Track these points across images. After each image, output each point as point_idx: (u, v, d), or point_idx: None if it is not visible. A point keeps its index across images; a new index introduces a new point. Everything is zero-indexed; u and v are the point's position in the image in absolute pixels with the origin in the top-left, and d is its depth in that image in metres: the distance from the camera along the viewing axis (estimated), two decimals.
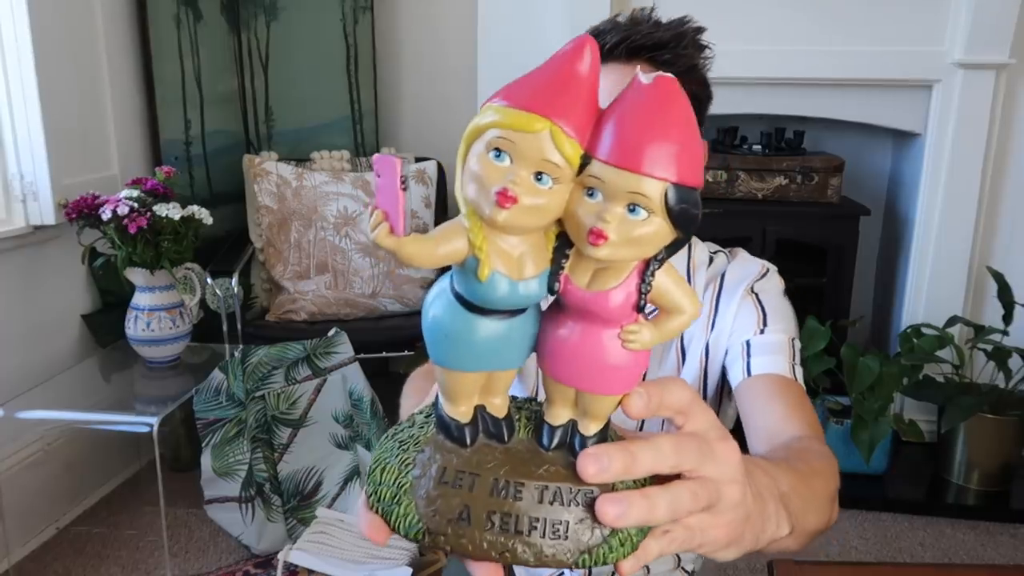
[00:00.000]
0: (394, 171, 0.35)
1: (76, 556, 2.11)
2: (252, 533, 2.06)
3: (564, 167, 0.36)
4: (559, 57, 0.37)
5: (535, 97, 0.36)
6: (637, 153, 0.35)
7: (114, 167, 2.39)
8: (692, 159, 0.36)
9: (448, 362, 0.40)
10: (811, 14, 2.50)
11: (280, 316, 2.50)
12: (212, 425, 2.04)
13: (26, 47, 2.04)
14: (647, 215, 0.35)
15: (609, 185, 0.35)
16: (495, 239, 0.37)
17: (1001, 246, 2.64)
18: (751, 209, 2.63)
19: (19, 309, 2.11)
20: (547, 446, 0.42)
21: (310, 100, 2.83)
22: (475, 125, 0.36)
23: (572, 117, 0.36)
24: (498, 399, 0.43)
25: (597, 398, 0.41)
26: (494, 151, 0.36)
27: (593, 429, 0.41)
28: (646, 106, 0.36)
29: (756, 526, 0.47)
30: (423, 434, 0.44)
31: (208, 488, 2.08)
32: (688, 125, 0.36)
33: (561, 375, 0.41)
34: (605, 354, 0.39)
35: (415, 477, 0.41)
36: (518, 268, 0.38)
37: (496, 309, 0.39)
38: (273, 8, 2.76)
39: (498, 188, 0.35)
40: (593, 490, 0.40)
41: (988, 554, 2.21)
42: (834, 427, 2.44)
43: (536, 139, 0.35)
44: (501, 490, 0.40)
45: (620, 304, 0.38)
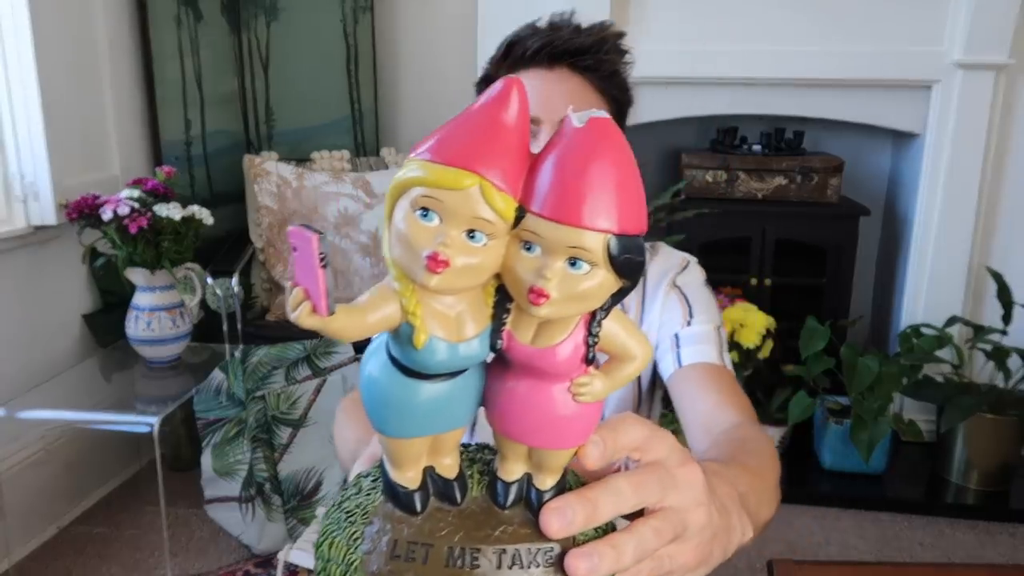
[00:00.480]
0: (310, 247, 0.32)
1: (77, 556, 2.11)
2: (252, 533, 2.06)
3: (497, 222, 0.33)
4: (485, 103, 0.34)
5: (461, 150, 0.33)
6: (574, 205, 0.33)
7: (115, 167, 2.39)
8: (633, 205, 0.34)
9: (390, 430, 0.38)
10: (811, 14, 2.50)
11: (280, 316, 2.50)
12: (212, 425, 2.05)
13: (27, 47, 2.04)
14: (589, 268, 0.33)
15: (547, 240, 0.33)
16: (429, 301, 0.35)
17: (1000, 246, 2.65)
18: (751, 209, 2.63)
19: (20, 309, 2.11)
20: (503, 504, 0.40)
21: (310, 100, 2.83)
22: (398, 181, 0.34)
23: (502, 169, 0.33)
24: (448, 459, 0.40)
25: (553, 453, 0.39)
26: (420, 210, 0.33)
27: (549, 483, 0.40)
28: (580, 152, 0.33)
29: (723, 540, 0.47)
30: (371, 503, 0.41)
31: (208, 488, 2.09)
32: (626, 168, 0.34)
33: (512, 432, 0.39)
34: (556, 409, 0.37)
35: (365, 553, 0.39)
36: (457, 330, 0.35)
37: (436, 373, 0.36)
38: (273, 8, 2.77)
39: (428, 252, 0.33)
40: (553, 547, 0.39)
41: (987, 554, 2.21)
42: (834, 427, 2.44)
43: (465, 196, 0.33)
44: (457, 559, 0.38)
45: (568, 358, 0.36)
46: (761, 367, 2.50)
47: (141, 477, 2.47)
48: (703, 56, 2.52)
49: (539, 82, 0.92)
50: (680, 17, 2.52)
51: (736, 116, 2.70)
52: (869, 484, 2.45)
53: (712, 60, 2.52)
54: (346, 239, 2.59)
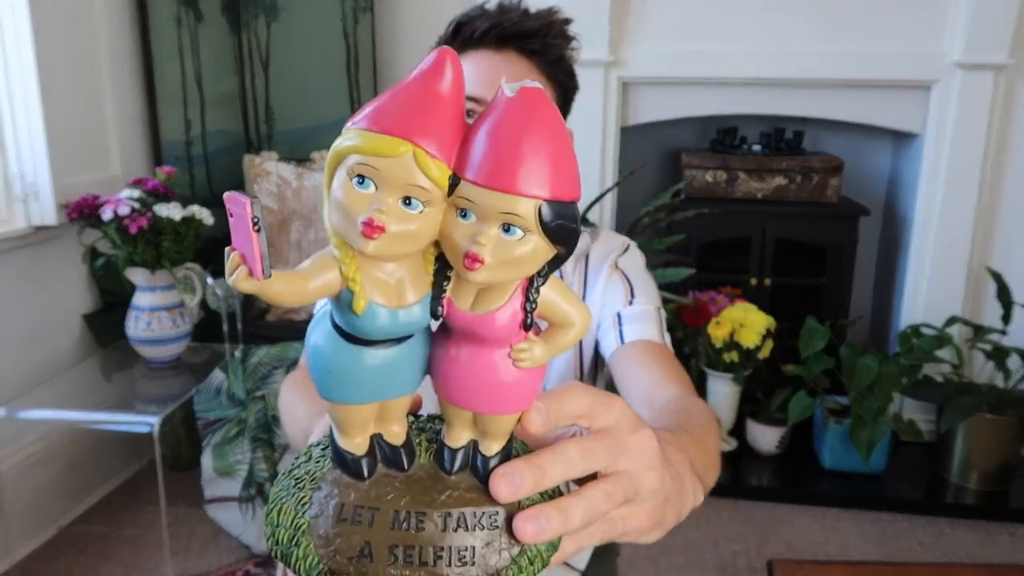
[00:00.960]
0: (244, 211, 0.33)
1: (77, 555, 2.11)
2: (252, 533, 2.06)
3: (432, 190, 0.34)
4: (419, 74, 0.36)
5: (396, 119, 0.34)
6: (506, 172, 0.34)
7: (115, 167, 2.39)
8: (565, 172, 0.34)
9: (334, 396, 0.39)
10: (811, 14, 2.50)
11: (280, 316, 2.50)
12: (212, 425, 2.05)
13: (27, 47, 2.04)
14: (523, 234, 0.34)
15: (481, 206, 0.34)
16: (369, 268, 0.36)
17: (1000, 246, 2.65)
18: (751, 209, 2.64)
19: (20, 309, 2.11)
20: (449, 470, 0.41)
21: (310, 100, 2.83)
22: (335, 149, 0.35)
23: (436, 137, 0.34)
24: (396, 426, 0.41)
25: (497, 419, 0.39)
26: (357, 178, 0.34)
27: (495, 448, 0.40)
28: (512, 120, 0.34)
29: (676, 504, 0.48)
30: (319, 469, 0.42)
31: (209, 488, 2.09)
32: (557, 137, 0.34)
33: (455, 398, 0.39)
34: (497, 374, 0.38)
35: (312, 517, 0.40)
36: (397, 296, 0.36)
37: (378, 339, 0.37)
38: (273, 8, 2.77)
39: (364, 218, 0.33)
40: (498, 511, 0.39)
41: (987, 553, 2.22)
42: (834, 427, 2.44)
43: (400, 163, 0.33)
44: (402, 522, 0.39)
45: (506, 324, 0.37)
46: (761, 367, 2.50)
47: (141, 477, 2.47)
48: (703, 56, 2.53)
49: (486, 63, 0.93)
50: (680, 17, 2.52)
51: (736, 116, 2.70)
52: (869, 484, 2.45)
53: (712, 60, 2.52)
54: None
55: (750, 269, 2.64)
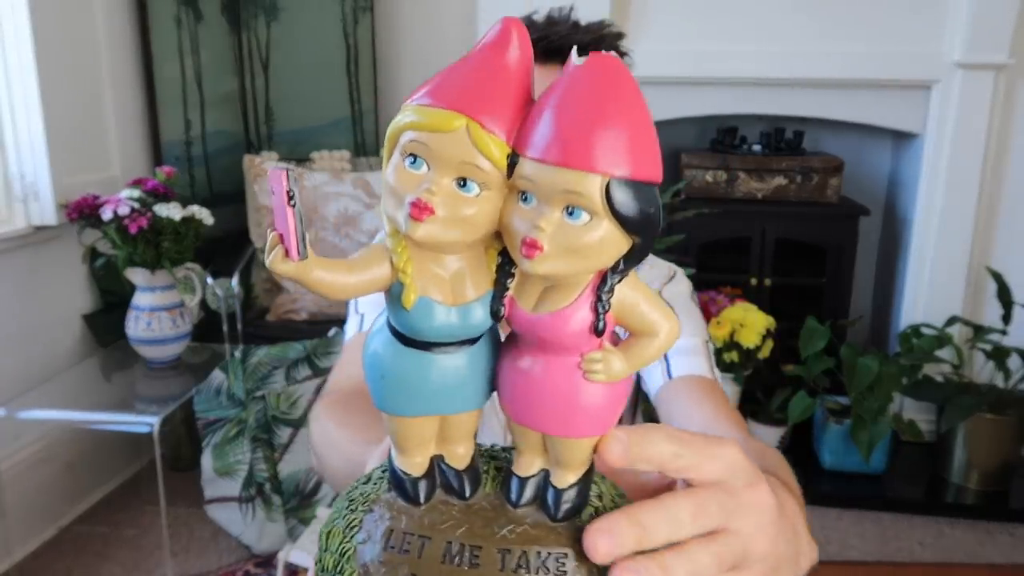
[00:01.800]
0: (280, 185, 0.30)
1: (77, 555, 2.11)
2: (252, 533, 2.06)
3: (490, 170, 0.31)
4: (481, 46, 0.32)
5: (452, 92, 0.31)
6: (566, 145, 0.29)
7: (115, 167, 2.39)
8: (639, 147, 0.30)
9: (390, 406, 0.35)
10: (811, 14, 2.50)
11: (280, 316, 2.50)
12: (212, 425, 2.05)
13: (27, 47, 2.04)
14: (589, 218, 0.30)
15: (541, 186, 0.30)
16: (424, 260, 0.32)
17: (1000, 246, 2.65)
18: (750, 209, 2.63)
19: (20, 309, 2.11)
20: (515, 502, 0.36)
21: (310, 100, 2.83)
22: (391, 128, 0.32)
23: (495, 111, 0.31)
24: (460, 448, 0.37)
25: (567, 443, 0.34)
26: (409, 157, 0.31)
27: (569, 480, 0.35)
28: (578, 90, 0.30)
29: (789, 571, 0.41)
30: (375, 491, 0.38)
31: (208, 488, 2.09)
32: (630, 108, 0.30)
33: (520, 415, 0.35)
34: (567, 389, 0.33)
35: (359, 542, 0.36)
36: (454, 292, 0.33)
37: (436, 342, 0.33)
38: (273, 8, 2.77)
39: (411, 198, 0.30)
40: (567, 553, 0.34)
41: (987, 553, 2.21)
42: (834, 427, 2.44)
43: (453, 139, 0.30)
44: (455, 555, 0.34)
45: (574, 327, 0.32)
46: (761, 367, 2.50)
47: (141, 477, 2.47)
48: (703, 56, 2.52)
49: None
50: (680, 17, 2.52)
51: (736, 116, 2.70)
52: (869, 484, 2.45)
53: (712, 60, 2.52)
54: (346, 239, 2.59)
55: (750, 269, 2.64)
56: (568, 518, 0.36)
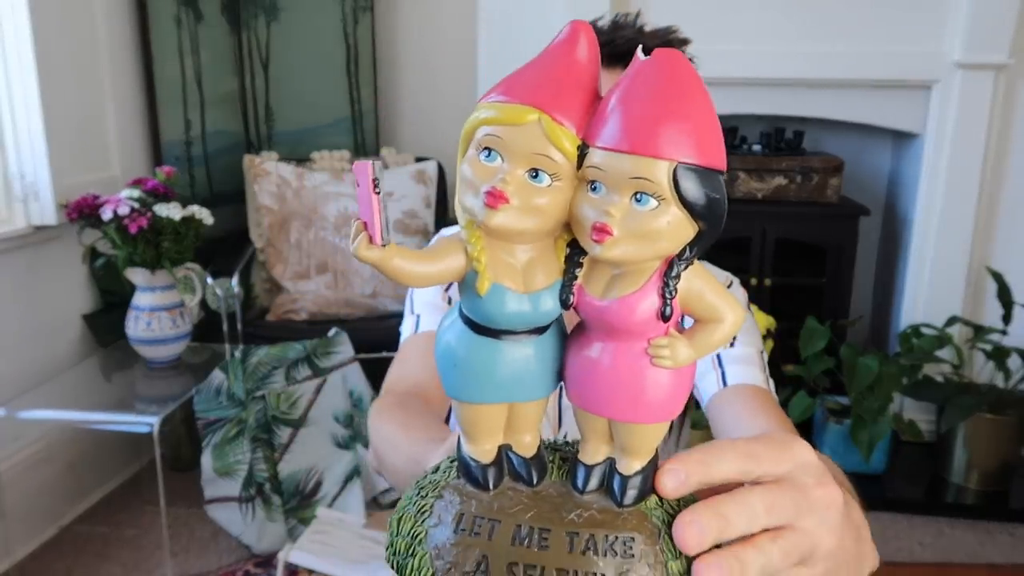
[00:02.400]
0: (366, 174, 0.32)
1: (77, 555, 2.11)
2: (252, 533, 2.06)
3: (561, 161, 0.32)
4: (552, 45, 0.35)
5: (524, 88, 0.33)
6: (635, 131, 0.31)
7: (115, 167, 2.39)
8: (704, 136, 0.31)
9: (462, 394, 0.37)
10: (811, 15, 2.50)
11: (280, 316, 2.50)
12: (212, 425, 2.05)
13: (27, 48, 2.04)
14: (657, 203, 0.31)
15: (610, 173, 0.31)
16: (497, 250, 0.34)
17: (1000, 246, 2.65)
18: (751, 209, 2.63)
19: (20, 309, 2.11)
20: (581, 488, 0.37)
21: (310, 100, 2.83)
22: (467, 125, 0.34)
23: (566, 105, 0.33)
24: (527, 436, 0.38)
25: (633, 429, 0.35)
26: (484, 151, 0.33)
27: (635, 466, 0.36)
28: (645, 83, 0.32)
29: (852, 571, 0.42)
30: (444, 479, 0.40)
31: (208, 488, 2.09)
32: (695, 98, 0.32)
33: (587, 402, 0.36)
34: (634, 374, 0.34)
35: (431, 526, 0.38)
36: (525, 280, 0.34)
37: (507, 329, 0.35)
38: (273, 8, 2.77)
39: (486, 187, 0.32)
40: (634, 537, 0.35)
41: (987, 553, 2.21)
42: (834, 427, 2.44)
43: (526, 131, 0.32)
44: (524, 538, 0.35)
45: (641, 312, 0.33)
46: None
47: (141, 477, 2.47)
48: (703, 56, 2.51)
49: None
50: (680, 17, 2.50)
51: (736, 116, 2.70)
52: (869, 484, 2.45)
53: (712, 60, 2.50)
54: (346, 239, 2.59)
55: (750, 269, 2.64)
56: (634, 504, 0.37)
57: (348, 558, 1.76)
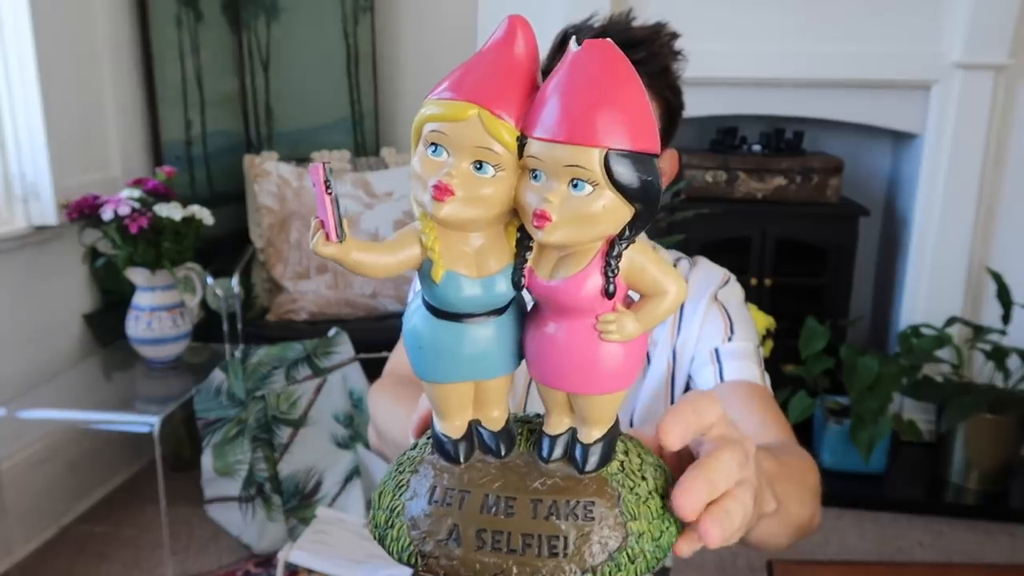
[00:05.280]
0: (319, 177, 0.34)
1: (77, 555, 2.11)
2: (252, 532, 2.06)
3: (502, 152, 0.34)
4: (491, 42, 0.36)
5: (465, 85, 0.35)
6: (567, 121, 0.32)
7: (115, 167, 2.39)
8: (635, 122, 0.33)
9: (429, 374, 0.39)
10: (811, 14, 2.50)
11: (280, 316, 2.50)
12: (213, 425, 2.05)
13: (27, 48, 2.04)
14: (592, 189, 0.33)
15: (547, 162, 0.33)
16: (450, 239, 0.36)
17: (1000, 246, 2.65)
18: (750, 209, 2.64)
19: (20, 309, 2.11)
20: (546, 458, 0.39)
21: (310, 100, 2.83)
22: (414, 122, 0.36)
23: (503, 99, 0.34)
24: (495, 411, 0.40)
25: (591, 400, 0.38)
26: (431, 146, 0.35)
27: (595, 435, 0.39)
28: (577, 73, 0.33)
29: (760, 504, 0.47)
30: (421, 455, 0.42)
31: (209, 488, 2.09)
32: (625, 86, 0.33)
33: (546, 377, 0.38)
34: (585, 350, 0.36)
35: (407, 499, 0.40)
36: (478, 265, 0.36)
37: (466, 312, 0.37)
38: (274, 8, 2.77)
39: (433, 181, 0.34)
40: (594, 502, 0.38)
41: (987, 553, 2.22)
42: (833, 427, 2.44)
43: (467, 126, 0.34)
44: (492, 506, 0.38)
45: (587, 291, 0.35)
46: None
47: (141, 477, 2.47)
48: (703, 56, 2.50)
49: None
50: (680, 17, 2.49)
51: (736, 116, 2.70)
52: (869, 484, 2.45)
53: (712, 60, 2.51)
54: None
55: (750, 269, 2.64)
56: (596, 470, 0.39)
57: (348, 558, 1.76)
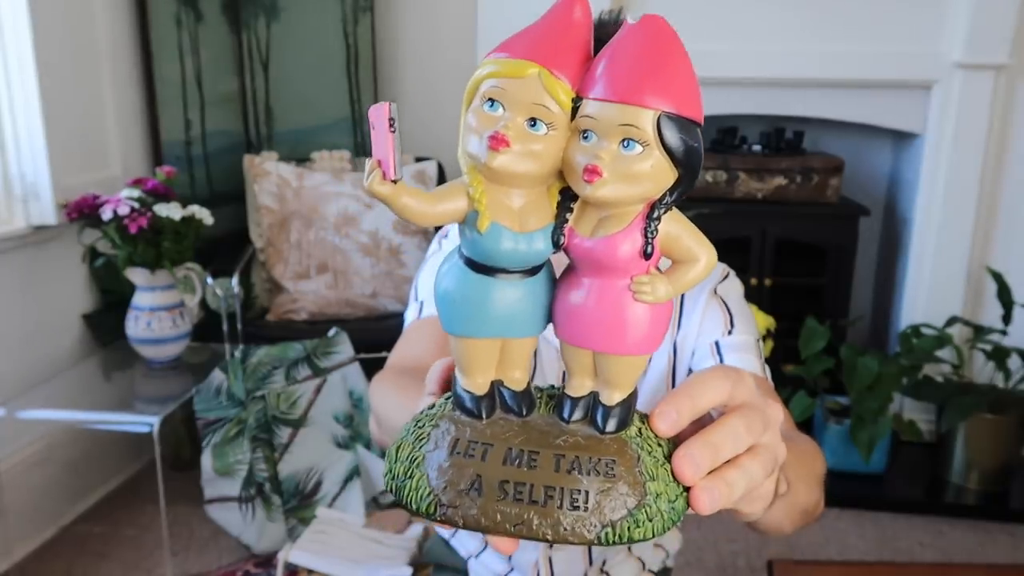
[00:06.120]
0: (383, 115, 0.35)
1: (77, 555, 2.11)
2: (252, 533, 2.06)
3: (557, 111, 0.36)
4: (550, 10, 0.38)
5: (525, 45, 0.37)
6: (624, 84, 0.35)
7: (115, 167, 2.39)
8: (685, 90, 0.35)
9: (459, 328, 0.40)
10: (811, 14, 2.50)
11: (280, 316, 2.50)
12: (212, 425, 2.05)
13: (27, 48, 2.04)
14: (642, 149, 0.34)
15: (601, 122, 0.35)
16: (495, 193, 0.37)
17: (1000, 246, 2.65)
18: (750, 209, 2.63)
19: (20, 309, 2.11)
20: (567, 418, 0.40)
21: (310, 100, 2.83)
22: (472, 80, 0.37)
23: (563, 61, 0.36)
24: (517, 372, 0.41)
25: (616, 361, 0.39)
26: (488, 102, 0.36)
27: (617, 398, 0.40)
28: (633, 42, 0.36)
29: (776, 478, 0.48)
30: (441, 411, 0.43)
31: (208, 488, 2.09)
32: (677, 56, 0.36)
33: (573, 336, 0.39)
34: (617, 308, 0.38)
35: (428, 451, 0.41)
36: (520, 221, 0.37)
37: (502, 268, 0.38)
38: (273, 8, 2.77)
39: (490, 133, 0.35)
40: (615, 460, 0.39)
41: (987, 554, 2.21)
42: (834, 427, 2.44)
43: (526, 84, 0.36)
44: (515, 459, 0.39)
45: (626, 251, 0.37)
46: None
47: (141, 477, 2.47)
48: (703, 56, 2.50)
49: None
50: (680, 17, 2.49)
51: (736, 116, 2.70)
52: (869, 484, 2.45)
53: (712, 60, 2.52)
54: (346, 239, 2.59)
55: (750, 269, 2.64)
56: (615, 432, 0.40)
57: (348, 558, 1.76)
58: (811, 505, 0.69)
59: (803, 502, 0.66)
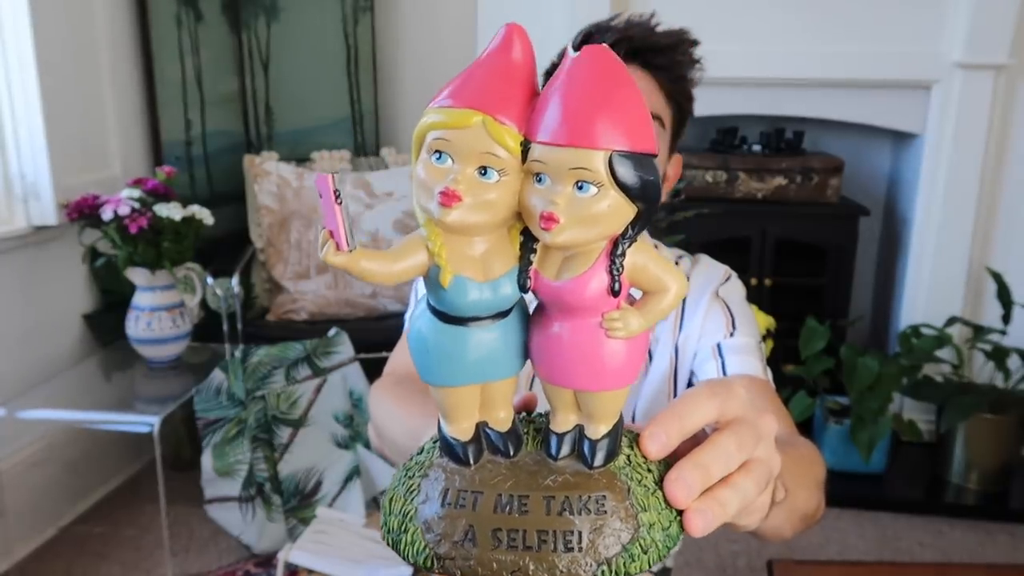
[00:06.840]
0: (327, 187, 0.34)
1: (77, 555, 2.11)
2: (252, 533, 2.06)
3: (506, 157, 0.35)
4: (488, 50, 0.37)
5: (467, 92, 0.35)
6: (571, 126, 0.33)
7: (115, 167, 2.39)
8: (634, 124, 0.34)
9: (437, 379, 0.39)
10: (811, 14, 2.50)
11: (280, 316, 2.50)
12: (212, 425, 2.05)
13: (27, 48, 2.04)
14: (597, 190, 0.34)
15: (552, 166, 0.34)
16: (455, 244, 0.36)
17: (1000, 246, 2.65)
18: (750, 209, 2.64)
19: (20, 309, 2.11)
20: (555, 455, 0.40)
21: (310, 100, 2.83)
22: (417, 130, 0.36)
23: (506, 105, 0.35)
24: (502, 412, 0.41)
25: (596, 396, 0.38)
26: (435, 154, 0.35)
27: (602, 430, 0.39)
28: (575, 78, 0.35)
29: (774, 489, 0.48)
30: (428, 459, 0.42)
31: (209, 488, 2.09)
32: (623, 88, 0.34)
33: (552, 376, 0.39)
34: (592, 347, 0.37)
35: (420, 503, 0.40)
36: (484, 269, 0.37)
37: (473, 316, 0.37)
38: (274, 8, 2.77)
39: (440, 188, 0.34)
40: (605, 495, 0.39)
41: (987, 553, 2.21)
42: (833, 427, 2.44)
43: (471, 133, 0.35)
44: (506, 505, 0.38)
45: (593, 290, 0.36)
46: None
47: (141, 477, 2.47)
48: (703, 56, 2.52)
49: None
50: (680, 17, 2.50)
51: (736, 116, 2.70)
52: (869, 484, 2.45)
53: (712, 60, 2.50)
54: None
55: (750, 269, 2.64)
56: (604, 465, 0.40)
57: (348, 558, 1.76)
58: (811, 510, 0.69)
59: (803, 507, 0.66)
